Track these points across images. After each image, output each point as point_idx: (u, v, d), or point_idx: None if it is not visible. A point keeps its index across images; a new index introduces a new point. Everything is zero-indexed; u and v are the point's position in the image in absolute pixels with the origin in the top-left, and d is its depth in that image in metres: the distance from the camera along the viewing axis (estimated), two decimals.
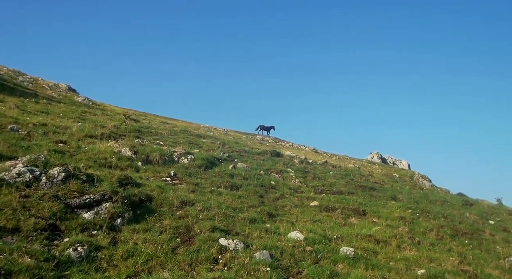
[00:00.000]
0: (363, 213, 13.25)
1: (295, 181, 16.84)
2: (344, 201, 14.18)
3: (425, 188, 24.34)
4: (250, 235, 8.93)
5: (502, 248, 11.70)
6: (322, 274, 7.54)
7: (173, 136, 20.28)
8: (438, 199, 18.90)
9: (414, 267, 9.10)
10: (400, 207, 14.59)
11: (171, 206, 9.36)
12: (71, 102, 24.30)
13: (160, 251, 7.01)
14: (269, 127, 42.28)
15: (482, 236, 13.07)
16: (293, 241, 9.01)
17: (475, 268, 9.63)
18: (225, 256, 7.41)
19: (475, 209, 18.36)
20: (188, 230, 8.29)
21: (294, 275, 7.59)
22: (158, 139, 18.00)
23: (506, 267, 10.21)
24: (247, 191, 12.90)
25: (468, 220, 15.04)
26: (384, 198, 16.22)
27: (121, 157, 12.43)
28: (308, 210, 12.63)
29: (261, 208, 11.35)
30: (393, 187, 20.79)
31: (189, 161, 14.45)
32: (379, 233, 11.11)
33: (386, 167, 34.74)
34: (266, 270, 7.15)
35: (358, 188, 17.33)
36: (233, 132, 38.62)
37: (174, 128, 24.48)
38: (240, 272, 6.93)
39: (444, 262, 9.73)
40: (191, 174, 13.13)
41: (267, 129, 42.16)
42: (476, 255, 10.90)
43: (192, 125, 34.45)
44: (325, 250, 8.82)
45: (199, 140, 21.26)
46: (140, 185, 10.12)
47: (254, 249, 7.91)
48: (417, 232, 11.95)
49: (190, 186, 11.72)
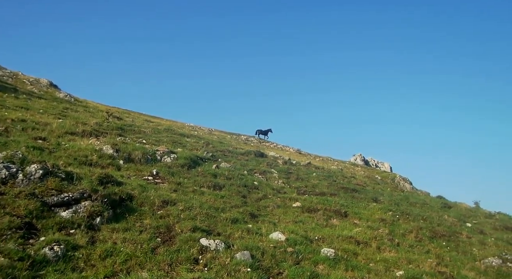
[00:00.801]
0: (344, 215, 13.37)
1: (278, 181, 16.88)
2: (326, 202, 14.28)
3: (406, 191, 24.74)
4: (232, 236, 8.90)
5: (478, 250, 11.98)
6: (303, 275, 7.56)
7: (156, 134, 20.08)
8: (418, 201, 19.23)
9: (393, 269, 9.23)
10: (381, 209, 14.78)
11: (152, 205, 9.25)
12: (52, 98, 23.79)
13: (139, 251, 6.91)
14: (266, 130, 42.89)
15: (460, 238, 13.35)
16: (274, 241, 9.02)
17: (452, 270, 9.83)
18: (206, 257, 7.35)
19: (454, 211, 18.75)
20: (169, 230, 8.20)
21: (274, 276, 7.59)
22: (141, 137, 17.78)
23: (482, 269, 10.45)
24: (230, 191, 12.87)
25: (446, 222, 15.35)
26: (366, 200, 16.41)
27: (102, 155, 12.22)
28: (291, 210, 12.67)
29: (243, 208, 11.33)
30: (374, 189, 21.05)
31: (172, 160, 14.32)
32: (360, 235, 11.22)
33: (369, 169, 35.17)
34: (247, 270, 7.13)
35: (341, 190, 17.49)
36: (218, 131, 38.50)
37: (158, 126, 24.24)
38: (221, 272, 6.89)
39: (422, 263, 9.89)
40: (174, 173, 13.01)
41: (265, 133, 42.73)
42: (453, 257, 11.13)
43: (177, 124, 34.18)
44: (306, 251, 8.86)
45: (183, 139, 21.11)
46: (121, 183, 9.96)
47: (235, 250, 7.88)
48: (396, 234, 12.12)
49: (172, 186, 11.61)
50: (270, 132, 42.85)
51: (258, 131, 42.74)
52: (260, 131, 42.74)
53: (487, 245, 13.14)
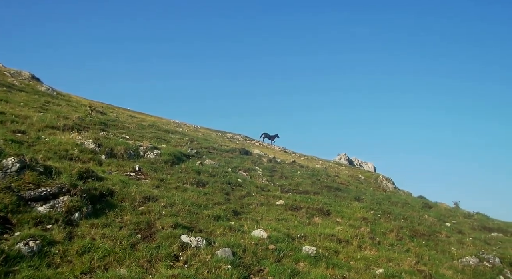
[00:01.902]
0: (327, 213, 13.46)
1: (262, 179, 16.88)
2: (309, 200, 14.34)
3: (388, 190, 25.07)
4: (214, 233, 8.85)
5: (456, 250, 12.21)
6: (283, 273, 7.57)
7: (140, 130, 19.84)
8: (400, 201, 19.50)
9: (373, 267, 9.32)
10: (363, 208, 14.93)
11: (133, 201, 9.12)
12: (34, 91, 23.23)
13: (118, 247, 6.80)
14: (273, 135, 41.75)
15: (439, 237, 13.59)
16: (256, 239, 9.01)
17: (430, 268, 9.98)
18: (186, 253, 7.29)
19: (434, 211, 19.09)
20: (149, 226, 8.11)
21: (255, 273, 7.58)
22: (124, 132, 17.54)
23: (459, 268, 10.66)
24: (214, 188, 12.80)
25: (426, 222, 15.61)
26: (348, 199, 16.56)
27: (83, 149, 12.00)
28: (274, 208, 12.67)
29: (226, 206, 11.28)
30: (357, 188, 21.26)
31: (155, 156, 14.16)
32: (342, 233, 11.31)
33: (353, 169, 35.50)
34: (227, 268, 7.10)
35: (324, 189, 17.60)
36: (203, 128, 38.28)
37: (142, 122, 23.95)
38: (201, 269, 6.84)
39: (402, 262, 10.02)
40: (157, 170, 12.87)
41: (271, 138, 41.59)
42: (432, 255, 11.32)
43: (162, 120, 33.85)
44: (287, 249, 8.88)
45: (168, 135, 20.91)
46: (102, 179, 9.80)
47: (216, 247, 7.84)
48: (378, 233, 12.26)
49: (154, 182, 11.48)
50: (277, 137, 41.71)
51: (264, 134, 41.39)
52: (266, 134, 41.46)
53: (465, 244, 13.41)
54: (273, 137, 41.65)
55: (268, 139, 41.42)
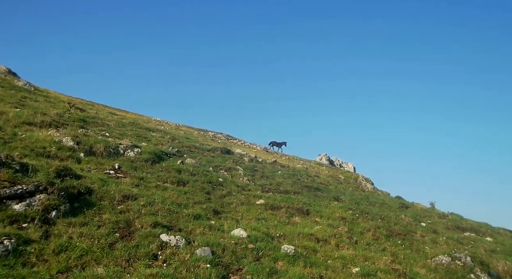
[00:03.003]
0: (306, 213, 13.64)
1: (243, 179, 16.95)
2: (289, 200, 14.50)
3: (367, 190, 25.53)
4: (193, 232, 8.88)
5: (430, 249, 12.57)
6: (262, 272, 7.68)
7: (120, 128, 19.60)
8: (378, 201, 19.91)
9: (350, 265, 9.53)
10: (341, 208, 15.19)
11: (112, 200, 9.05)
12: (10, 86, 22.62)
13: (96, 246, 6.76)
14: (280, 143, 42.06)
15: (414, 237, 13.97)
16: (236, 238, 9.08)
17: (405, 267, 10.27)
18: (165, 252, 7.31)
19: (410, 211, 19.58)
20: (128, 225, 8.07)
21: (234, 272, 7.66)
22: (104, 130, 17.30)
23: (432, 267, 11.00)
24: (194, 187, 12.80)
25: (402, 221, 16.00)
26: (328, 199, 16.81)
27: (61, 147, 11.81)
28: (254, 208, 12.76)
29: (207, 205, 11.31)
30: (337, 188, 21.58)
31: (135, 154, 14.05)
32: (320, 232, 11.48)
33: (333, 169, 35.97)
34: (206, 267, 7.15)
35: (304, 188, 17.80)
36: (185, 127, 38.06)
37: (122, 120, 23.65)
38: (180, 268, 6.87)
39: (378, 261, 10.26)
40: (137, 168, 12.78)
41: (279, 145, 41.92)
42: (407, 254, 11.62)
43: (143, 118, 33.49)
44: (266, 248, 8.98)
45: (148, 133, 20.73)
46: (80, 177, 9.67)
47: (196, 246, 7.88)
48: (355, 232, 12.50)
49: (134, 180, 11.40)
50: (284, 145, 42.09)
51: (273, 142, 41.90)
52: (274, 142, 41.93)
53: (439, 243, 13.82)
54: (281, 145, 42.13)
55: (276, 146, 41.90)
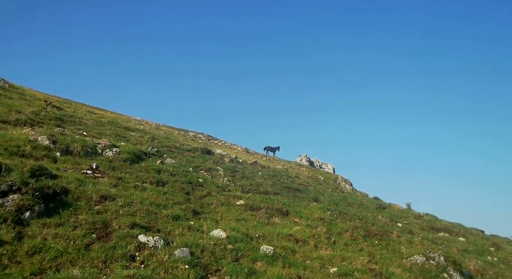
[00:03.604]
0: (286, 213, 13.73)
1: (223, 179, 16.92)
2: (269, 201, 14.57)
3: (346, 191, 25.91)
4: (172, 232, 8.81)
5: (405, 249, 12.87)
6: (240, 272, 7.69)
7: (99, 127, 19.26)
8: (356, 202, 20.24)
9: (328, 266, 9.65)
10: (320, 209, 15.37)
11: (89, 200, 8.89)
12: None
13: (72, 247, 6.63)
14: (275, 147, 43.20)
15: (390, 237, 14.27)
16: (215, 239, 9.07)
17: (381, 267, 10.47)
18: (143, 253, 7.23)
19: (387, 212, 19.98)
20: (105, 226, 7.94)
21: (213, 273, 7.65)
22: (82, 129, 16.97)
23: (408, 266, 11.26)
24: (174, 187, 12.70)
25: (380, 222, 16.32)
26: (307, 199, 16.97)
27: (37, 146, 11.51)
28: (234, 208, 12.76)
29: (186, 205, 11.24)
30: (316, 189, 21.82)
31: (114, 154, 13.83)
32: (299, 233, 11.59)
33: (313, 170, 36.34)
34: (185, 267, 7.12)
35: (284, 189, 17.92)
36: (165, 127, 37.70)
37: (101, 118, 23.25)
38: (158, 269, 6.82)
39: (355, 261, 10.44)
40: (115, 168, 12.58)
41: (273, 150, 43.01)
42: (383, 254, 11.87)
43: (122, 117, 32.99)
44: (246, 249, 9.00)
45: (127, 133, 20.44)
46: (56, 176, 9.46)
47: (174, 247, 7.83)
48: (333, 233, 12.68)
49: (112, 180, 11.22)
50: (278, 150, 43.29)
51: (267, 147, 43.07)
52: (269, 147, 43.08)
53: (414, 244, 14.17)
54: (275, 150, 43.20)
55: (271, 151, 42.92)
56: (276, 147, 43.31)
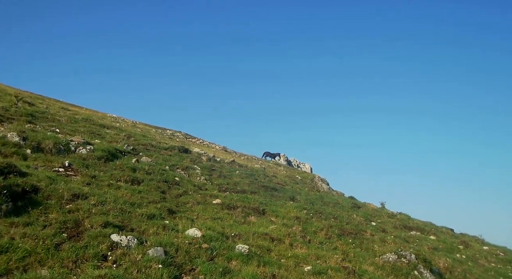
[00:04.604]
0: (262, 212, 13.79)
1: (200, 178, 16.83)
2: (246, 200, 14.58)
3: (322, 191, 26.22)
4: (146, 232, 8.70)
5: (378, 247, 13.13)
6: (215, 271, 7.67)
7: (73, 124, 18.81)
8: (332, 201, 20.51)
9: (302, 264, 9.75)
10: (296, 208, 15.50)
11: (60, 198, 8.67)
12: None
13: (40, 247, 6.46)
14: (274, 154, 43.57)
15: (364, 236, 14.54)
16: (190, 238, 9.01)
17: (354, 265, 10.65)
18: (116, 253, 7.11)
19: (362, 211, 20.35)
20: (77, 225, 7.77)
21: (187, 272, 7.60)
22: (54, 126, 16.53)
23: (380, 264, 11.50)
24: (149, 186, 12.54)
25: (354, 221, 16.60)
26: (284, 199, 17.09)
27: (6, 142, 11.16)
28: (210, 207, 12.72)
29: (161, 204, 11.12)
30: (293, 188, 21.99)
31: (87, 151, 13.54)
32: (275, 232, 11.66)
33: (291, 169, 36.60)
34: (158, 267, 7.05)
35: (261, 188, 17.99)
36: (142, 124, 37.13)
37: (75, 115, 22.71)
38: (130, 269, 6.72)
39: (329, 259, 10.58)
40: (89, 166, 12.32)
41: (273, 156, 43.33)
42: (357, 253, 12.07)
43: (97, 114, 32.31)
44: (221, 248, 8.98)
45: (103, 130, 20.04)
46: (25, 174, 9.19)
47: (148, 246, 7.74)
48: (309, 231, 12.81)
49: (85, 179, 10.98)
50: (278, 157, 43.67)
51: (266, 153, 43.38)
52: (268, 153, 43.42)
53: (387, 242, 14.48)
54: (275, 156, 43.72)
55: (269, 157, 43.34)
56: (276, 153, 44.03)
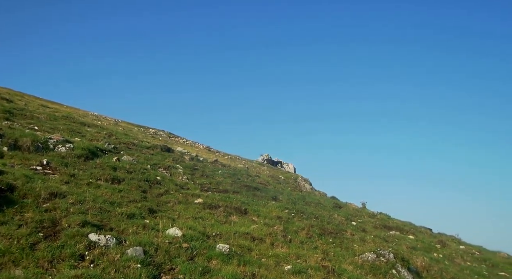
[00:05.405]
0: (244, 212, 13.81)
1: (182, 177, 16.74)
2: (228, 199, 14.58)
3: (305, 191, 26.42)
4: (126, 231, 8.62)
5: (358, 246, 13.33)
6: (195, 271, 7.66)
7: (52, 121, 18.47)
8: (313, 201, 20.70)
9: (282, 263, 9.81)
10: (278, 207, 15.59)
11: (37, 197, 8.51)
12: None
13: (15, 247, 6.33)
14: (276, 162, 43.67)
15: (344, 235, 14.73)
16: (170, 237, 8.97)
17: (334, 264, 10.79)
18: (93, 253, 7.03)
19: (343, 211, 20.60)
20: (54, 225, 7.65)
21: (166, 271, 7.57)
22: (33, 123, 16.21)
23: (359, 263, 11.68)
24: (130, 185, 12.41)
25: (335, 221, 16.80)
26: (266, 198, 17.16)
27: None
28: (192, 207, 12.67)
29: (142, 203, 11.02)
30: (275, 188, 22.10)
31: (67, 150, 13.31)
32: (256, 231, 11.69)
33: (274, 169, 36.75)
34: (137, 267, 7.00)
35: (244, 188, 18.01)
36: (124, 123, 36.68)
37: (55, 113, 22.30)
38: (108, 269, 6.65)
39: (309, 258, 10.68)
40: (68, 164, 12.11)
41: (274, 164, 43.42)
42: (337, 252, 12.22)
43: (79, 112, 31.77)
44: (201, 247, 8.97)
45: (83, 128, 19.73)
46: (1, 172, 9.00)
47: (127, 245, 7.67)
48: (290, 231, 12.90)
49: (64, 177, 10.80)
50: (279, 165, 43.74)
51: (267, 160, 43.28)
52: (268, 160, 43.31)
53: (366, 241, 14.70)
54: (276, 164, 43.85)
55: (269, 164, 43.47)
56: (278, 161, 44.31)
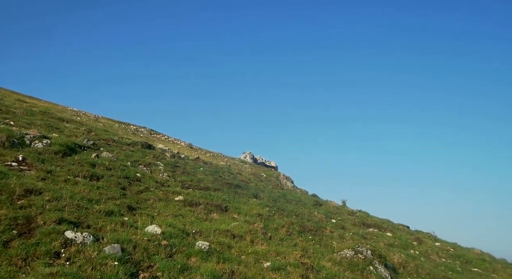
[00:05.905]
0: (225, 209, 13.82)
1: (163, 175, 16.61)
2: (209, 196, 14.55)
3: (286, 188, 26.61)
4: (104, 228, 8.52)
5: (337, 244, 13.52)
6: (173, 268, 7.64)
7: (29, 116, 18.02)
8: (294, 198, 20.88)
9: (262, 260, 9.87)
10: (259, 205, 15.65)
11: (11, 194, 8.32)
12: None
13: None
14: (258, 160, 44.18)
15: (324, 232, 14.92)
16: (149, 235, 8.91)
17: (313, 261, 10.92)
18: (70, 250, 6.93)
19: (323, 209, 20.84)
20: (29, 222, 7.49)
21: (144, 269, 7.52)
22: (8, 118, 15.78)
23: (338, 260, 11.86)
24: (109, 182, 12.25)
25: (315, 218, 16.99)
26: (247, 196, 17.20)
27: None
28: (172, 204, 12.60)
29: (121, 201, 10.90)
30: (257, 186, 22.17)
31: (44, 145, 13.03)
32: (237, 229, 11.72)
33: (256, 167, 36.84)
34: (114, 264, 6.93)
35: (225, 185, 18.00)
36: (105, 119, 36.07)
37: (32, 108, 21.75)
38: (84, 266, 6.57)
39: (289, 255, 10.77)
40: (45, 161, 11.87)
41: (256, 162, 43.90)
42: (316, 249, 12.38)
43: (57, 107, 31.07)
44: (181, 244, 8.94)
45: (62, 124, 19.32)
46: None
47: (104, 243, 7.58)
48: (270, 228, 12.98)
49: (40, 174, 10.58)
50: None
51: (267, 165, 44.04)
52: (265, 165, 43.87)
53: (345, 239, 14.94)
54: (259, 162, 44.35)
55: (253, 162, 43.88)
56: (260, 159, 44.74)
